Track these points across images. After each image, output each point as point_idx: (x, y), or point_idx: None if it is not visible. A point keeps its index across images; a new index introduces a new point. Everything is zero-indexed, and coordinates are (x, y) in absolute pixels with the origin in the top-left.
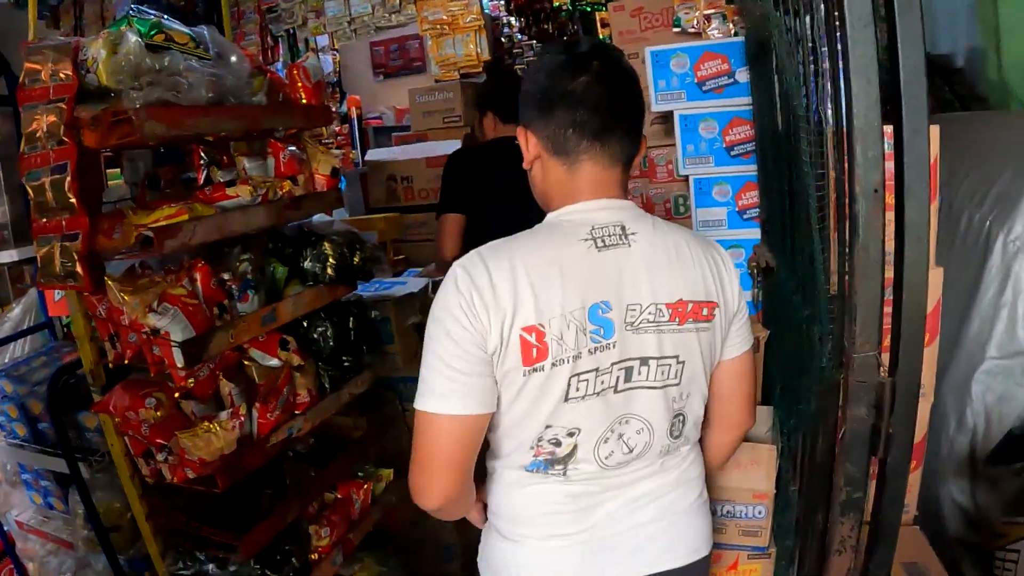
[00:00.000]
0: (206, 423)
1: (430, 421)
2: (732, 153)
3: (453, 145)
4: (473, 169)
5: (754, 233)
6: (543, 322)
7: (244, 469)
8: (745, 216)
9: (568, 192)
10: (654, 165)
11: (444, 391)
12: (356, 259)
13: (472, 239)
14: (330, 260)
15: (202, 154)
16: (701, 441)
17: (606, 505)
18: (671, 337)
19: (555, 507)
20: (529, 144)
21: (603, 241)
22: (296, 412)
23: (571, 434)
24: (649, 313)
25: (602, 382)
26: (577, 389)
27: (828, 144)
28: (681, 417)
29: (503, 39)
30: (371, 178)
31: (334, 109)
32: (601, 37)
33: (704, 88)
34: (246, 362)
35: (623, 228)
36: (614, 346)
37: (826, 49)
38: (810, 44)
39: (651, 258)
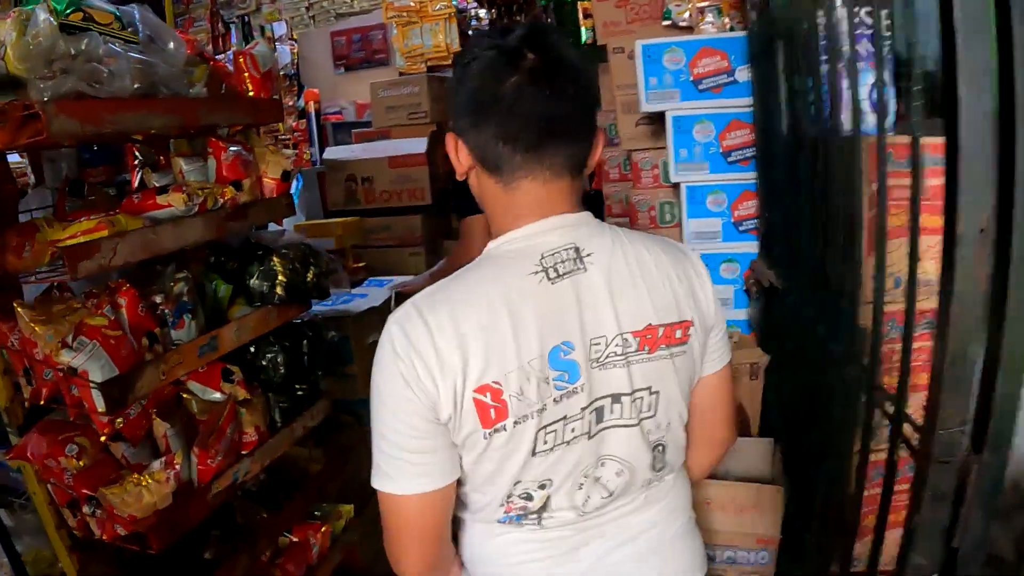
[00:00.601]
0: (135, 475)
1: (392, 501)
2: (729, 159)
3: (418, 144)
4: None
5: (751, 247)
6: (498, 379)
7: (183, 525)
8: (741, 228)
9: (507, 214)
10: (638, 169)
11: (397, 473)
12: (310, 275)
13: None
14: (280, 278)
15: (136, 154)
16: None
17: (589, 546)
18: (641, 368)
19: (532, 555)
20: (460, 154)
21: (555, 270)
22: (243, 453)
23: (542, 486)
24: (616, 346)
25: (572, 430)
26: (545, 442)
27: (862, 155)
28: (661, 447)
29: (469, 33)
30: (329, 178)
31: (291, 103)
32: (583, 30)
33: (700, 87)
34: (184, 395)
35: (577, 251)
36: (581, 389)
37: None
38: (846, 44)
39: (612, 281)
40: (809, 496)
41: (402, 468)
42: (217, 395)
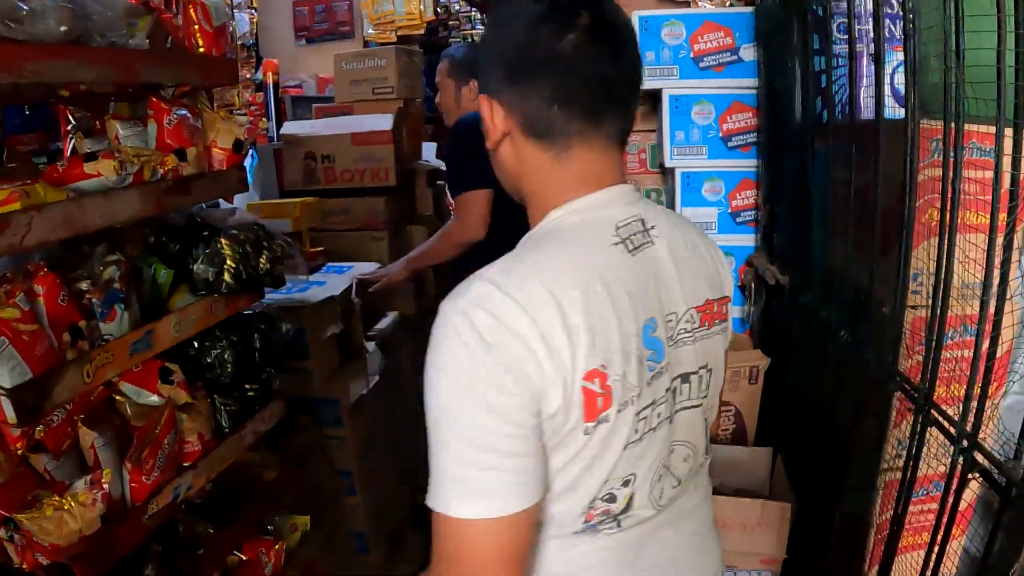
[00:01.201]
0: (56, 498)
1: (473, 529)
2: (730, 144)
3: (383, 120)
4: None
5: (748, 239)
6: (604, 362)
7: (114, 552)
8: (739, 219)
9: (557, 185)
10: (623, 153)
11: (488, 487)
12: (262, 261)
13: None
14: (228, 263)
15: (69, 117)
16: None
17: (659, 540)
18: (702, 344)
19: (608, 562)
20: (496, 118)
21: (631, 242)
22: (184, 465)
23: (626, 483)
24: (685, 322)
25: (658, 414)
26: (636, 431)
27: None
28: (707, 429)
29: (438, 8)
30: (287, 155)
31: (248, 75)
32: None
33: (701, 64)
34: (117, 397)
35: (643, 222)
36: (665, 369)
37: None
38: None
39: (675, 255)
40: (816, 513)
41: (495, 480)
42: (154, 398)
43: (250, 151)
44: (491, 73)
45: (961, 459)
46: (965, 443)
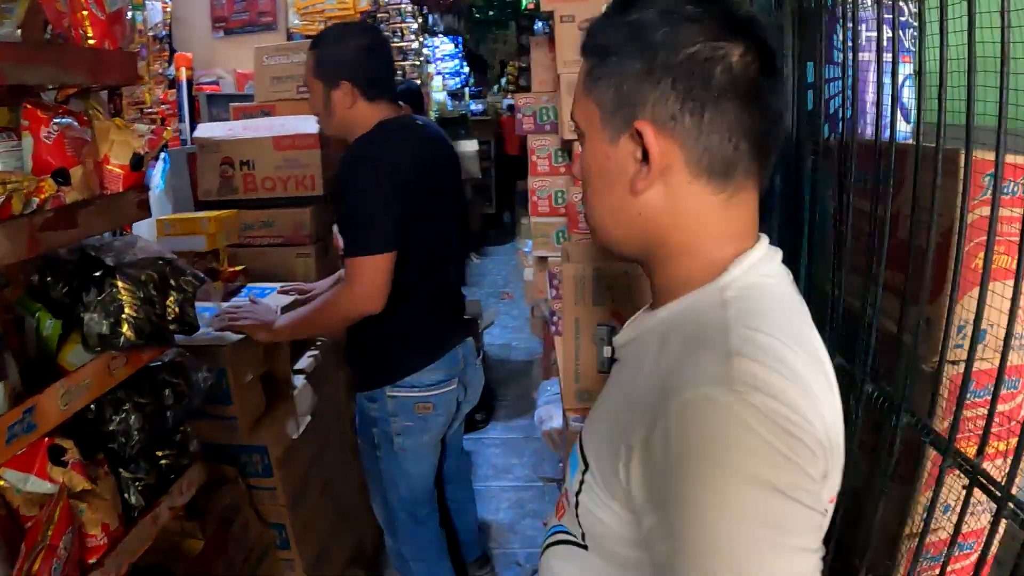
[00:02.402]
0: None
1: None
2: None
3: (309, 122)
4: (405, 169)
5: None
6: (835, 432)
7: None
8: None
9: (723, 233)
10: None
11: None
12: (170, 303)
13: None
14: (127, 312)
15: None
16: None
17: None
18: None
19: None
20: (656, 151)
21: (801, 301)
22: (89, 563)
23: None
24: None
25: None
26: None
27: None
28: None
29: None
30: (201, 161)
31: (160, 71)
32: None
33: None
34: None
35: (791, 277)
36: None
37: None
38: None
39: None
40: None
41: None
42: (46, 485)
43: (161, 158)
44: (646, 92)
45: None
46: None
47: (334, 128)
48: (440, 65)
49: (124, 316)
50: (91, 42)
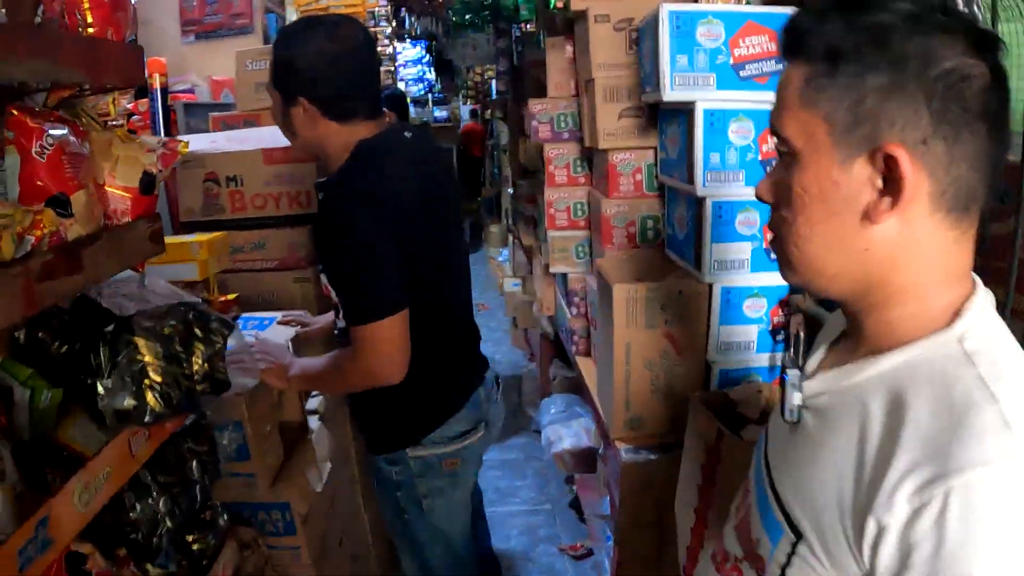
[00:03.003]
0: None
1: None
2: (768, 168)
3: None
4: (403, 204)
5: (778, 277)
6: None
7: None
8: (773, 255)
9: (949, 273)
10: (615, 174)
11: None
12: (196, 362)
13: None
14: (151, 378)
15: None
16: None
17: None
18: None
19: None
20: (910, 180)
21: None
22: None
23: None
24: None
25: None
26: None
27: None
28: None
29: None
30: (182, 178)
31: None
32: None
33: (742, 73)
34: None
35: None
36: None
37: None
38: None
39: None
40: None
41: None
42: None
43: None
44: (894, 110)
45: None
46: None
47: (299, 148)
48: (403, 71)
49: (148, 383)
50: (91, 31)
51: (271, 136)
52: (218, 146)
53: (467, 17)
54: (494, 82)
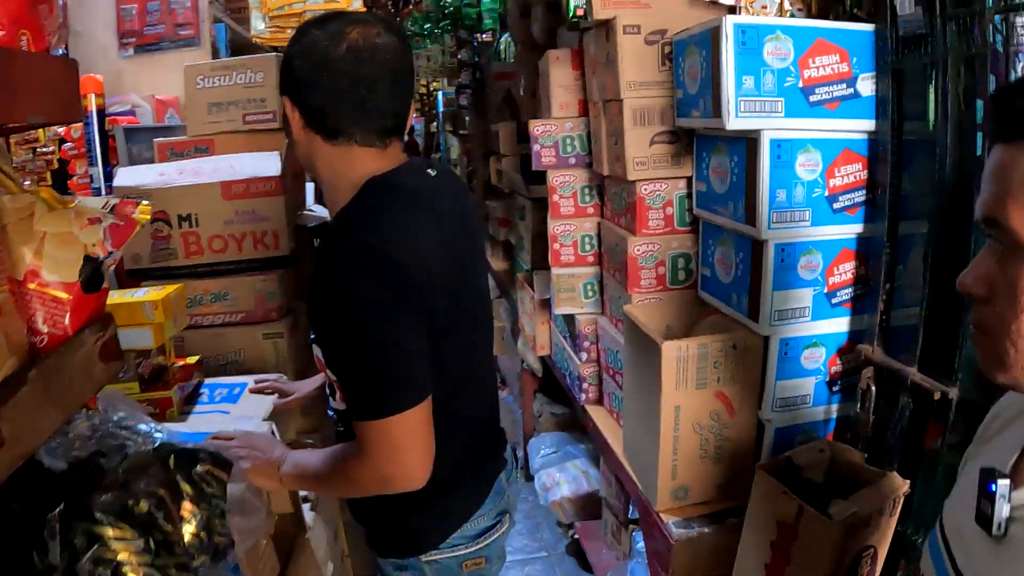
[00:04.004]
0: None
1: None
2: (836, 205)
3: (266, 161)
4: (428, 269)
5: (840, 324)
6: None
7: None
8: (834, 300)
9: None
10: (643, 207)
11: None
12: (187, 529)
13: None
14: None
15: None
16: None
17: None
18: None
19: None
20: None
21: None
22: None
23: None
24: None
25: None
26: None
27: None
28: None
29: None
30: None
31: None
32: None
33: (812, 98)
34: None
35: None
36: None
37: None
38: None
39: None
40: None
41: None
42: None
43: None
44: None
45: None
46: None
47: (299, 159)
48: None
49: None
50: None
51: (230, 166)
52: (168, 179)
53: (426, 27)
54: (440, 94)
